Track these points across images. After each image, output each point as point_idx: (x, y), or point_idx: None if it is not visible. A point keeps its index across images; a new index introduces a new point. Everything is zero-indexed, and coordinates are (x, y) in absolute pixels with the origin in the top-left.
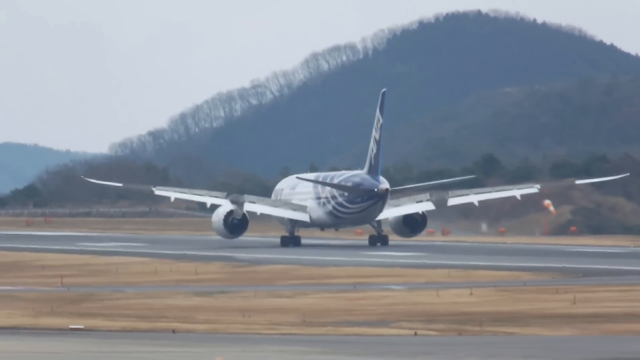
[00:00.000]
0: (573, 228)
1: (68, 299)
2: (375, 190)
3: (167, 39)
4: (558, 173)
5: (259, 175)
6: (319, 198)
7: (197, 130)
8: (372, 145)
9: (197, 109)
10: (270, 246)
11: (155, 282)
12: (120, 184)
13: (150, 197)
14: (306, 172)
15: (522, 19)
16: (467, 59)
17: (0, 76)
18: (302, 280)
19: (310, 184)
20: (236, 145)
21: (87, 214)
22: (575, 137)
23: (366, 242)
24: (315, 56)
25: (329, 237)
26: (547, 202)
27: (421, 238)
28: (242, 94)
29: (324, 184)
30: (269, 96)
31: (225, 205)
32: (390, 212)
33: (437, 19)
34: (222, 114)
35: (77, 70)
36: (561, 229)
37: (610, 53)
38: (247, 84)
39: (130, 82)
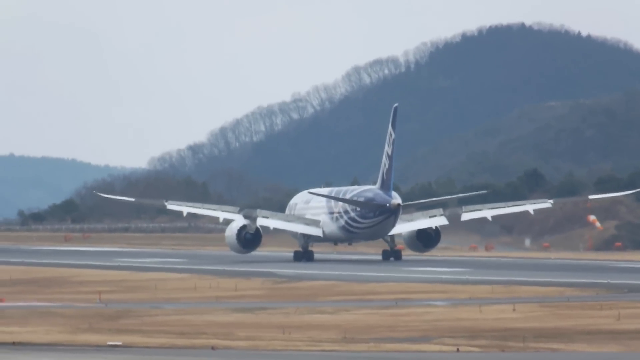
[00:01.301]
0: (618, 243)
1: (106, 315)
2: (387, 205)
3: (208, 52)
4: (603, 188)
5: (300, 191)
6: (332, 213)
7: (237, 144)
8: (385, 160)
9: (238, 123)
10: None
11: (194, 299)
12: (132, 199)
13: (191, 214)
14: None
15: (566, 32)
16: (510, 72)
17: (38, 90)
18: (343, 296)
19: (324, 199)
20: (277, 159)
21: (126, 229)
22: (621, 152)
23: (379, 257)
24: (357, 69)
25: (343, 251)
26: (592, 217)
27: (465, 253)
28: (283, 107)
29: (336, 199)
30: (310, 110)
31: (239, 220)
32: (404, 227)
33: (480, 32)
34: (262, 128)
35: (116, 85)
36: (606, 244)
37: None
38: (288, 97)
39: (170, 96)
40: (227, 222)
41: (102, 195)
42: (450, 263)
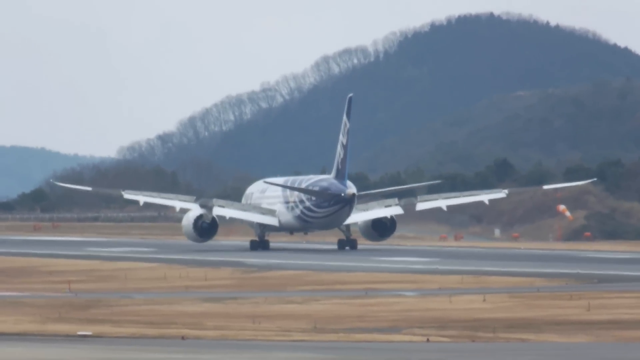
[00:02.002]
0: (587, 233)
1: (76, 305)
2: (342, 194)
3: (176, 41)
4: (572, 177)
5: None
6: (287, 202)
7: (206, 134)
8: (339, 150)
9: (207, 112)
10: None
11: (164, 288)
12: (89, 188)
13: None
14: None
15: (535, 22)
16: (479, 62)
17: (6, 78)
18: (313, 286)
19: (280, 189)
20: (246, 149)
21: (95, 219)
22: (589, 142)
23: (335, 246)
24: (326, 59)
25: (298, 241)
26: (562, 207)
27: (434, 243)
28: (252, 97)
29: (291, 188)
30: (279, 100)
31: (195, 210)
32: (359, 217)
33: (449, 21)
34: (231, 117)
35: (84, 73)
36: (575, 234)
37: (624, 56)
38: (257, 87)
39: (138, 85)
40: (184, 211)
41: (60, 184)
42: (420, 253)
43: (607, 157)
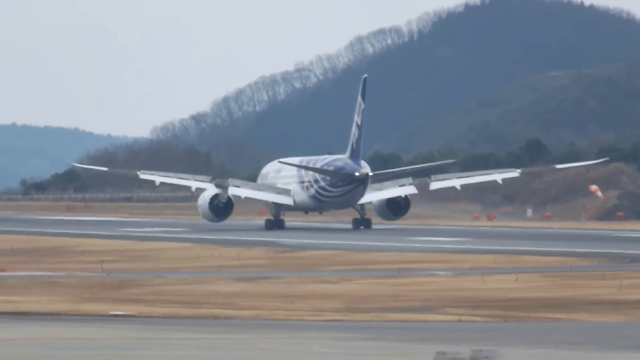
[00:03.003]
0: (620, 213)
1: (109, 285)
2: (357, 174)
3: (210, 21)
4: (605, 158)
5: None
6: (302, 182)
7: (240, 114)
8: (354, 130)
9: (240, 92)
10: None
11: (196, 268)
12: (105, 169)
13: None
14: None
15: (569, 2)
16: (513, 42)
17: (40, 60)
18: (346, 265)
19: (295, 168)
20: (279, 129)
21: (128, 199)
22: (623, 122)
23: (350, 225)
24: (360, 39)
25: (314, 220)
26: (594, 187)
27: (467, 223)
28: (286, 77)
29: (306, 168)
30: (313, 80)
31: (210, 189)
32: (374, 196)
33: (483, 1)
34: (265, 97)
35: (118, 53)
36: (607, 214)
37: None
38: (291, 67)
39: (172, 65)
40: (201, 191)
41: (76, 164)
42: (452, 233)
43: None
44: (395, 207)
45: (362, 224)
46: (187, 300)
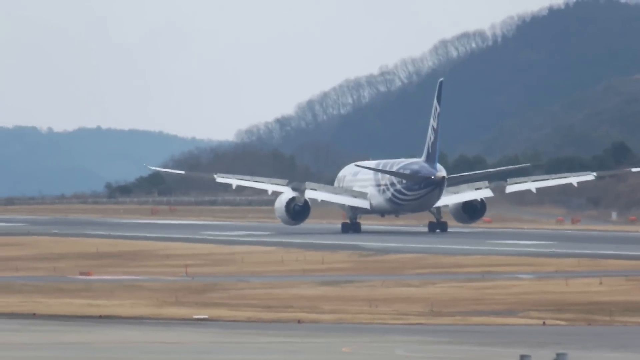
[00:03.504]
0: None
1: (192, 289)
2: (433, 177)
3: (295, 24)
4: None
5: None
6: (378, 185)
7: (324, 117)
8: (430, 134)
9: (325, 95)
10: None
11: (281, 272)
12: (182, 172)
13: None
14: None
15: None
16: (597, 45)
17: (125, 64)
18: (430, 269)
19: (371, 172)
20: (364, 132)
21: (213, 203)
22: None
23: (426, 229)
24: (444, 43)
25: (389, 224)
26: None
27: (551, 226)
28: (370, 80)
29: (383, 171)
30: (398, 83)
31: (287, 192)
32: (450, 199)
33: (567, 5)
34: (350, 100)
35: (203, 58)
36: None
37: None
38: (375, 70)
39: (257, 68)
40: (278, 194)
41: (151, 167)
42: (536, 236)
43: None
44: (472, 211)
45: (438, 227)
46: (271, 304)
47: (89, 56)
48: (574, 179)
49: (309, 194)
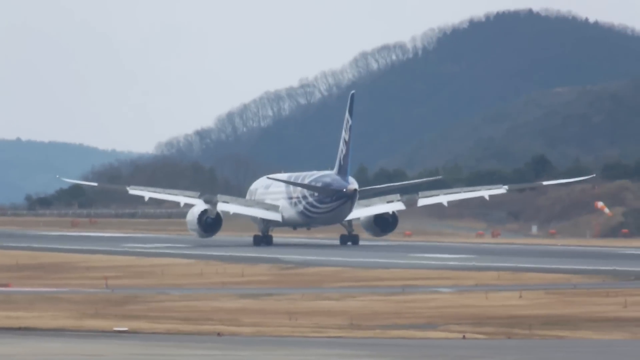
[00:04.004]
0: (625, 230)
1: (113, 301)
2: (344, 190)
3: (214, 36)
4: (610, 174)
5: None
6: (290, 198)
7: (244, 129)
8: (342, 146)
9: (245, 108)
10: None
11: (200, 284)
12: (95, 184)
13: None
14: (355, 172)
15: (573, 18)
16: (518, 58)
17: (44, 74)
18: (349, 282)
19: (283, 184)
20: (284, 145)
21: (133, 215)
22: (628, 138)
23: (337, 242)
24: (364, 55)
25: (301, 236)
26: (600, 204)
27: (471, 240)
28: (291, 93)
29: (294, 184)
30: (318, 96)
31: (199, 205)
32: (362, 212)
33: (487, 17)
34: (270, 113)
35: (123, 69)
36: (612, 231)
37: None
38: (295, 83)
39: (177, 80)
40: (190, 206)
41: (64, 179)
42: (456, 250)
43: None
44: (383, 224)
45: (349, 239)
46: (191, 317)
47: (6, 68)
48: (485, 192)
49: (221, 207)
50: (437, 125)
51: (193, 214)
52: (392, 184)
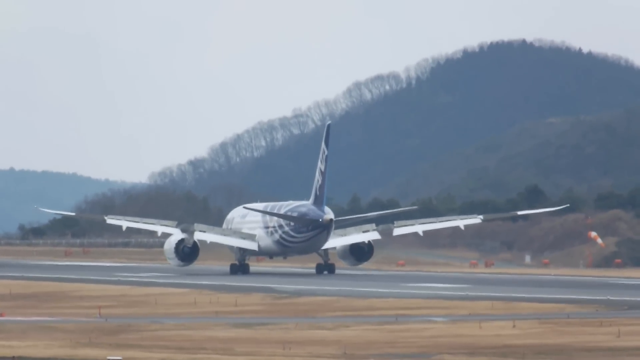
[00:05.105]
0: (618, 260)
1: (106, 330)
2: (320, 220)
3: (208, 66)
4: (603, 204)
5: None
6: (267, 227)
7: (238, 159)
8: (318, 177)
9: (238, 138)
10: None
11: (194, 314)
12: (72, 213)
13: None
14: (348, 202)
15: (567, 49)
16: (511, 88)
17: (39, 105)
18: (343, 312)
19: (260, 214)
20: (278, 175)
21: (126, 244)
22: (621, 168)
23: (313, 270)
24: (357, 85)
25: (278, 265)
26: (593, 234)
27: (465, 269)
28: (284, 123)
29: (270, 214)
30: (311, 125)
31: (177, 234)
32: (338, 242)
33: (481, 48)
34: (263, 143)
35: (116, 99)
36: (605, 261)
37: None
38: (288, 113)
39: (170, 111)
40: (166, 235)
41: (43, 210)
42: (450, 279)
43: (638, 183)
44: (359, 253)
45: (325, 269)
46: (185, 346)
47: (1, 97)
48: (460, 222)
49: (198, 236)
50: (430, 155)
51: (170, 243)
52: (366, 214)
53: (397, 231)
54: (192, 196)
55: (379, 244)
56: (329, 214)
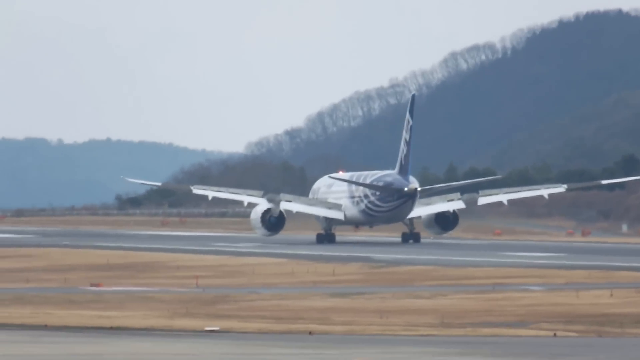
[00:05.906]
0: None
1: (203, 300)
2: (405, 189)
3: (305, 37)
4: None
5: None
6: (353, 197)
7: (334, 129)
8: (403, 146)
9: (335, 108)
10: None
11: (291, 284)
12: (159, 183)
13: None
14: (444, 172)
15: None
16: (607, 58)
17: (134, 76)
18: (440, 281)
19: (346, 184)
20: (374, 144)
21: (223, 214)
22: None
23: (399, 240)
24: (454, 55)
25: (363, 234)
26: None
27: (561, 238)
28: (381, 93)
29: (356, 183)
30: (408, 95)
31: (263, 204)
32: (423, 211)
33: (577, 18)
34: (360, 113)
35: (213, 69)
36: None
37: None
38: (385, 83)
39: (267, 80)
40: (253, 205)
41: (129, 179)
42: (547, 248)
43: None
44: (444, 222)
45: (411, 237)
46: (282, 316)
47: (98, 68)
48: (545, 191)
49: (284, 205)
50: (526, 125)
51: (257, 213)
52: (451, 184)
53: (482, 200)
54: (289, 166)
55: (475, 213)
56: (413, 183)
